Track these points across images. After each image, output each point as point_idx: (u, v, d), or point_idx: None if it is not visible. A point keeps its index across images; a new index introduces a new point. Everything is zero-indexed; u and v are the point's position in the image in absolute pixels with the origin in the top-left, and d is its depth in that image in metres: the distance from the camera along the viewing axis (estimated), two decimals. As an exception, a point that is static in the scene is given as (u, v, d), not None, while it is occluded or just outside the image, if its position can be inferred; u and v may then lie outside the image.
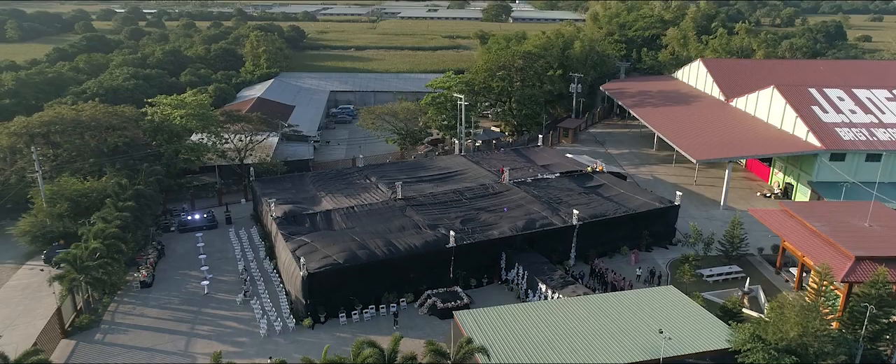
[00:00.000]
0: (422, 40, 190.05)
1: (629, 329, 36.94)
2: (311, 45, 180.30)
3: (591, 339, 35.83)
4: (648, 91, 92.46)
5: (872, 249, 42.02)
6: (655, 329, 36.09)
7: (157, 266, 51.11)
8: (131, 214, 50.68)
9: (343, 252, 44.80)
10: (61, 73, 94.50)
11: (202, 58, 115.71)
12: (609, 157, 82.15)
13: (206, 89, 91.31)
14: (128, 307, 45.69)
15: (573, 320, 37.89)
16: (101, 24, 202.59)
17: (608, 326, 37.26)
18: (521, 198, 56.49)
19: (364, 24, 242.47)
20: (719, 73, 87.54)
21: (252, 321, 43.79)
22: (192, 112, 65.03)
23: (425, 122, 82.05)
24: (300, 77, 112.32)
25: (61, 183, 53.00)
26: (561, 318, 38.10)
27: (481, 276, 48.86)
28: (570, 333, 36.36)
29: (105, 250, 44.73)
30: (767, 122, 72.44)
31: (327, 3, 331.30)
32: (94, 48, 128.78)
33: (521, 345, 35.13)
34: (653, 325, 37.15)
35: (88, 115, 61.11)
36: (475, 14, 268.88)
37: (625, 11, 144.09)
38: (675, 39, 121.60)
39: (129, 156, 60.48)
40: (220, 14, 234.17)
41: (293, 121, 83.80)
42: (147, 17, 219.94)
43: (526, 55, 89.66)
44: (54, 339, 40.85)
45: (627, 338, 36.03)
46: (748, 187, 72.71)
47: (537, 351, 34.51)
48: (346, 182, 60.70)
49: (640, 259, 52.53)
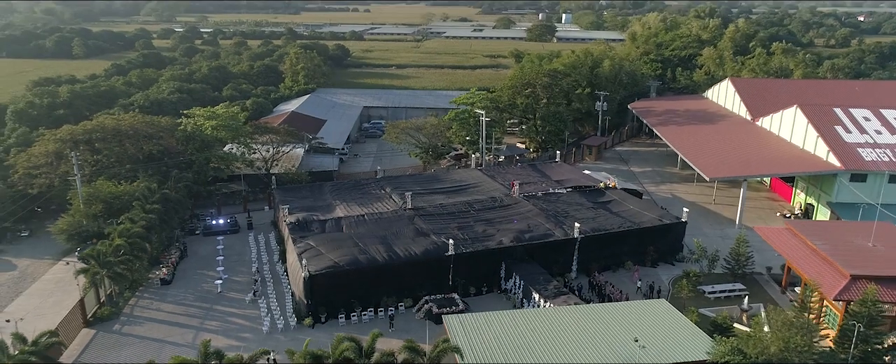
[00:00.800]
0: (462, 59, 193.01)
1: (609, 338, 37.64)
2: (355, 62, 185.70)
3: (568, 345, 36.73)
4: (675, 110, 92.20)
5: (870, 269, 41.50)
6: (635, 338, 36.70)
7: (178, 265, 54.43)
8: (157, 216, 54.27)
9: (345, 256, 47.00)
10: (113, 86, 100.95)
11: (246, 74, 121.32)
12: (630, 175, 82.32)
13: (245, 103, 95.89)
14: (147, 302, 48.96)
15: (556, 328, 38.82)
16: (161, 43, 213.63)
17: (589, 334, 38.05)
18: (527, 210, 57.67)
19: (409, 43, 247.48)
20: (747, 92, 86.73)
21: (257, 319, 46.31)
22: (222, 123, 68.93)
23: (449, 137, 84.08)
24: (336, 93, 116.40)
25: (97, 186, 57.18)
26: (545, 326, 39.08)
27: (481, 285, 50.18)
28: (550, 339, 37.32)
29: (128, 248, 48.20)
30: (790, 142, 71.51)
31: (376, 24, 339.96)
32: (148, 64, 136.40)
33: (499, 347, 36.32)
34: (635, 335, 37.75)
35: (127, 124, 65.64)
36: (519, 34, 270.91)
37: (663, 31, 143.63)
38: (710, 59, 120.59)
39: (162, 163, 64.59)
40: (272, 33, 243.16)
41: (323, 134, 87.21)
42: (203, 36, 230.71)
43: (551, 73, 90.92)
44: (76, 327, 44.26)
45: (606, 345, 36.76)
46: (769, 207, 71.73)
47: (513, 353, 35.64)
48: (362, 192, 63.15)
49: (641, 274, 52.78)
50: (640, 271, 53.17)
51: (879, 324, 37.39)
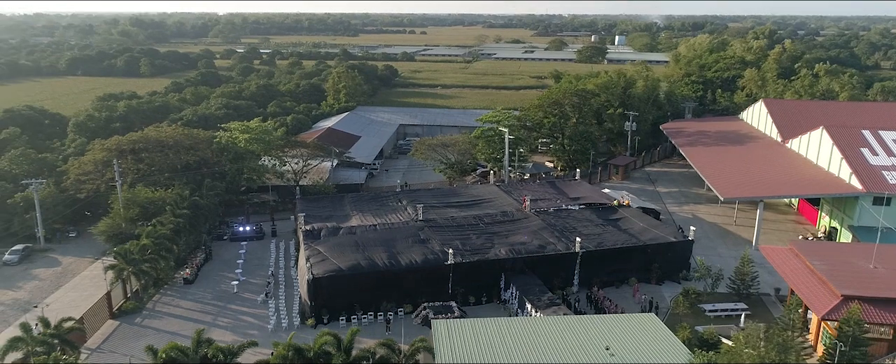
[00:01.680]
0: (508, 80, 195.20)
1: (585, 346, 38.52)
2: (402, 82, 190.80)
3: (541, 350, 37.80)
4: (706, 131, 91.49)
5: (863, 289, 40.91)
6: (614, 349, 37.50)
7: (202, 267, 58.27)
8: (185, 221, 58.45)
9: (349, 261, 49.58)
10: (167, 102, 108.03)
11: (292, 92, 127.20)
12: (655, 195, 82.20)
13: (285, 119, 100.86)
14: (169, 298, 52.79)
15: (536, 335, 39.94)
16: (222, 63, 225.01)
17: (566, 342, 39.00)
18: (535, 225, 58.95)
19: (458, 64, 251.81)
20: (779, 113, 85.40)
21: (266, 318, 49.27)
22: (254, 136, 73.29)
23: (474, 154, 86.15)
24: (374, 111, 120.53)
25: (135, 192, 62.02)
26: (526, 333, 40.28)
27: (480, 295, 51.70)
28: (526, 345, 38.47)
29: (154, 248, 52.27)
30: (816, 164, 70.20)
31: (430, 45, 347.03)
32: (204, 82, 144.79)
33: (475, 350, 37.71)
34: (614, 345, 38.50)
35: (168, 136, 70.76)
36: (570, 56, 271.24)
37: (707, 52, 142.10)
38: (752, 81, 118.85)
39: (198, 172, 69.24)
40: (327, 54, 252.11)
41: (356, 149, 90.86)
42: (262, 57, 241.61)
43: (579, 92, 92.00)
44: (102, 318, 48.32)
45: (579, 353, 37.67)
46: (793, 230, 70.37)
47: (485, 355, 37.03)
48: (380, 204, 65.85)
49: (644, 291, 53.07)
50: (640, 288, 53.46)
51: (865, 344, 36.99)
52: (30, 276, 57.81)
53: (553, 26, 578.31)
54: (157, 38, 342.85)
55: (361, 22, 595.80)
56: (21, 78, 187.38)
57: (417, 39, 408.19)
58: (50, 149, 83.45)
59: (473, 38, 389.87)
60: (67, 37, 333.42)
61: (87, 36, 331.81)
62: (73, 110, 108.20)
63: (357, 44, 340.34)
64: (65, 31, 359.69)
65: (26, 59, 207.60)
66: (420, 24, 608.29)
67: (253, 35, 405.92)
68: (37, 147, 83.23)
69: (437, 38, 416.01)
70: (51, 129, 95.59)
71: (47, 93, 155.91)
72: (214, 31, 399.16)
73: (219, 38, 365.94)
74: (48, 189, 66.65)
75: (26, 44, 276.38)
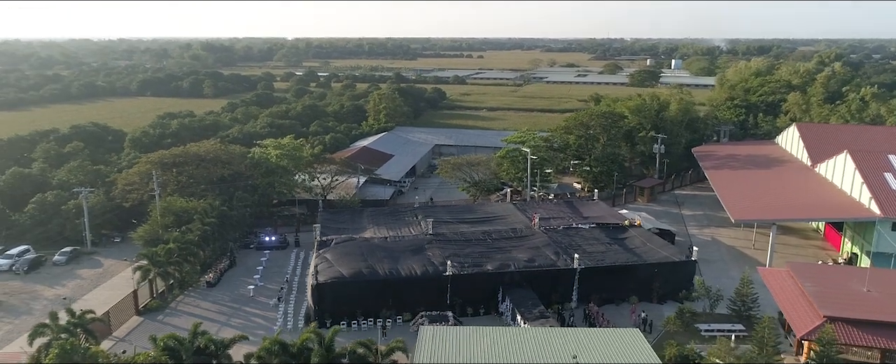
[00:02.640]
0: (555, 103, 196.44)
1: (559, 355, 39.80)
2: (449, 104, 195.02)
3: (515, 356, 39.38)
4: (736, 155, 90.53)
5: (848, 311, 40.69)
6: (586, 359, 38.69)
7: (225, 272, 62.49)
8: (212, 229, 62.95)
9: (351, 269, 52.52)
10: (217, 121, 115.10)
11: (336, 112, 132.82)
12: (678, 217, 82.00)
13: (324, 138, 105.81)
14: (191, 300, 57.03)
15: (514, 344, 41.41)
16: (281, 85, 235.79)
17: (542, 351, 40.38)
18: (540, 241, 60.43)
19: (508, 87, 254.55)
20: (810, 137, 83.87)
21: (275, 320, 52.64)
22: (285, 153, 77.89)
23: (499, 174, 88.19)
24: (412, 131, 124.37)
25: (170, 201, 67.16)
26: (505, 341, 41.78)
27: (479, 307, 53.54)
28: (502, 351, 40.07)
29: (180, 252, 56.74)
30: (840, 188, 68.83)
31: (484, 69, 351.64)
32: (258, 103, 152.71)
33: (451, 352, 39.67)
34: (588, 356, 39.66)
35: (206, 151, 76.16)
36: (622, 79, 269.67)
37: (752, 76, 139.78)
38: (796, 105, 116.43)
39: (231, 185, 74.14)
40: (380, 77, 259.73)
41: (386, 168, 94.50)
42: (319, 79, 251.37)
43: (606, 114, 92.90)
44: (128, 313, 52.85)
45: (551, 360, 39.03)
46: (816, 256, 68.94)
47: (459, 357, 38.90)
48: (396, 218, 68.76)
49: (645, 309, 53.50)
50: (641, 307, 53.95)
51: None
52: (74, 276, 63.46)
53: (612, 50, 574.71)
54: (225, 62, 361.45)
55: (421, 46, 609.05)
56: (97, 98, 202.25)
57: (473, 63, 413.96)
58: (107, 162, 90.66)
59: (528, 62, 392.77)
60: (144, 60, 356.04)
61: (161, 59, 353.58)
62: (131, 127, 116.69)
63: (413, 67, 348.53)
64: (142, 55, 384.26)
65: (103, 81, 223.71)
66: (479, 49, 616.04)
67: (315, 59, 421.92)
68: (96, 160, 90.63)
69: (493, 62, 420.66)
70: (111, 144, 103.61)
71: (117, 111, 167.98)
72: (279, 55, 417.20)
73: (282, 62, 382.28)
74: (97, 197, 72.84)
75: (106, 66, 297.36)
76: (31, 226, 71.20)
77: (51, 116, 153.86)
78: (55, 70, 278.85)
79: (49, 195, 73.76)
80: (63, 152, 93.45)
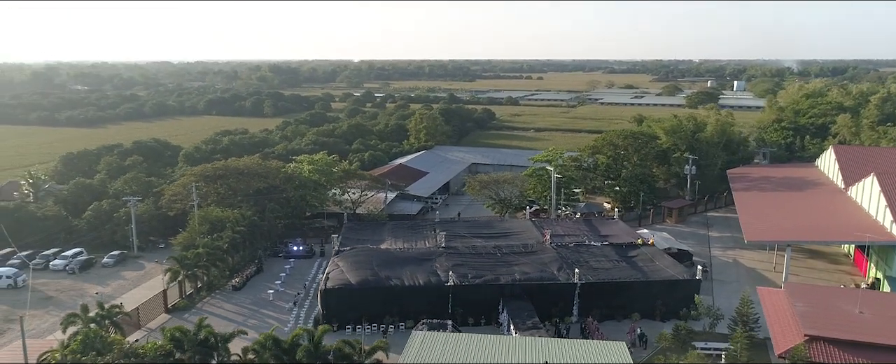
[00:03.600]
0: (604, 124, 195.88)
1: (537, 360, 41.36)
2: (497, 125, 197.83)
3: (493, 360, 41.20)
4: (770, 177, 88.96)
5: (832, 331, 40.42)
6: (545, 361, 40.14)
7: (252, 278, 66.80)
8: (241, 237, 67.57)
9: (358, 277, 55.57)
10: (266, 137, 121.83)
11: (380, 131, 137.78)
12: (703, 238, 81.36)
13: (364, 155, 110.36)
14: (216, 301, 61.47)
15: (499, 350, 43.23)
16: (339, 105, 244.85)
17: (524, 358, 42.04)
18: (548, 256, 61.85)
19: (560, 108, 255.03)
20: (846, 160, 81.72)
21: (287, 322, 56.20)
22: (317, 168, 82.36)
23: (525, 192, 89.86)
24: (451, 150, 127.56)
25: (207, 211, 72.43)
26: (491, 349, 43.64)
27: (480, 317, 55.41)
28: (483, 356, 42.02)
29: (208, 257, 61.40)
30: (867, 211, 67.12)
31: (540, 90, 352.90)
32: (310, 122, 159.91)
33: (435, 355, 41.89)
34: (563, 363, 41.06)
35: (245, 165, 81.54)
36: (679, 101, 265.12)
37: (803, 98, 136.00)
38: (845, 127, 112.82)
39: (266, 197, 79.03)
40: (435, 98, 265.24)
41: (417, 185, 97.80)
42: (375, 99, 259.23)
43: (634, 135, 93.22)
44: (157, 311, 57.66)
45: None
46: (840, 280, 67.11)
47: (440, 358, 41.03)
48: (415, 232, 71.61)
49: (640, 327, 53.99)
50: (643, 323, 54.42)
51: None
52: (118, 276, 69.31)
53: (677, 71, 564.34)
54: (290, 83, 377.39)
55: (481, 68, 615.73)
56: (167, 116, 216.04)
57: (532, 84, 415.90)
58: (161, 174, 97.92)
59: (586, 83, 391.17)
60: (215, 81, 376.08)
61: (231, 81, 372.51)
62: (191, 143, 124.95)
63: (471, 88, 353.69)
64: (214, 77, 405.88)
65: (174, 101, 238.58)
66: (540, 70, 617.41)
67: (376, 80, 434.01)
68: (152, 173, 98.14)
69: (552, 84, 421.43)
70: (168, 159, 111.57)
71: (182, 129, 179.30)
72: (342, 76, 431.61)
73: (344, 83, 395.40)
74: (146, 206, 79.17)
75: (180, 87, 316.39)
76: (87, 230, 78.07)
77: (122, 133, 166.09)
78: (134, 90, 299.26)
79: (104, 203, 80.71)
80: (123, 165, 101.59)
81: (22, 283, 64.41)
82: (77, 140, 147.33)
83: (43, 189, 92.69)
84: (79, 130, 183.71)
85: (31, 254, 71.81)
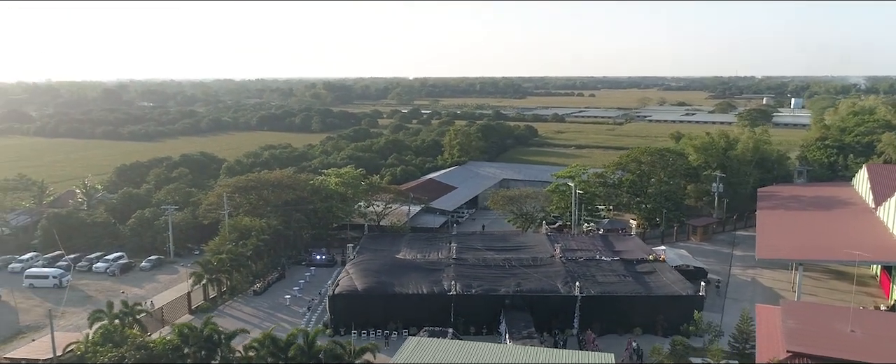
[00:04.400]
0: (648, 141, 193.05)
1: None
2: (539, 141, 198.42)
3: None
4: (800, 196, 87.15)
5: (816, 349, 40.12)
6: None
7: (273, 284, 70.30)
8: (265, 245, 71.31)
9: (365, 284, 58.08)
10: (306, 152, 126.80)
11: (417, 147, 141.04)
12: (726, 257, 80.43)
13: (396, 170, 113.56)
14: (237, 304, 65.12)
15: (487, 357, 44.68)
16: (386, 121, 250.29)
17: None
18: (555, 270, 62.87)
19: (606, 126, 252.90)
20: (878, 178, 79.39)
21: (298, 325, 59.11)
22: (343, 180, 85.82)
23: (548, 207, 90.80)
24: (483, 165, 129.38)
25: (236, 220, 76.67)
26: (480, 355, 45.12)
27: (481, 326, 56.91)
28: (471, 361, 43.63)
29: (231, 262, 65.24)
30: (891, 231, 65.30)
31: (589, 107, 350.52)
32: (353, 137, 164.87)
33: (425, 358, 43.71)
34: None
35: (275, 177, 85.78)
36: (730, 119, 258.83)
37: (850, 115, 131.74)
38: (890, 146, 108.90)
39: (293, 208, 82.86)
40: (480, 115, 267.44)
41: (444, 199, 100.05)
42: (422, 116, 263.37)
43: (659, 152, 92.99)
44: (181, 312, 61.65)
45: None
46: (860, 301, 65.27)
47: (428, 359, 42.82)
48: (430, 243, 73.74)
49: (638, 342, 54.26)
50: (644, 339, 54.71)
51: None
52: (153, 279, 74.14)
53: (736, 88, 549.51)
54: (343, 100, 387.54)
55: (534, 85, 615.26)
56: (221, 132, 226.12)
57: (583, 102, 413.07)
58: (204, 185, 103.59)
59: (638, 100, 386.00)
60: (271, 98, 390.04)
61: (287, 98, 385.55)
62: (233, 157, 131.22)
63: (522, 106, 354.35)
64: (271, 94, 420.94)
65: (230, 117, 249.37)
66: (593, 87, 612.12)
67: (427, 97, 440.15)
68: (196, 184, 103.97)
69: (603, 101, 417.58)
70: (212, 171, 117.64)
71: (233, 143, 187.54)
72: (393, 93, 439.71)
73: (394, 100, 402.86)
74: (183, 215, 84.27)
75: (237, 104, 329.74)
76: (130, 236, 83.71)
77: (177, 146, 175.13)
78: (195, 107, 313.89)
79: (147, 211, 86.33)
80: (170, 176, 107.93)
81: (65, 283, 69.79)
82: (135, 153, 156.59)
83: (95, 198, 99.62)
84: (139, 144, 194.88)
85: (78, 257, 77.65)
